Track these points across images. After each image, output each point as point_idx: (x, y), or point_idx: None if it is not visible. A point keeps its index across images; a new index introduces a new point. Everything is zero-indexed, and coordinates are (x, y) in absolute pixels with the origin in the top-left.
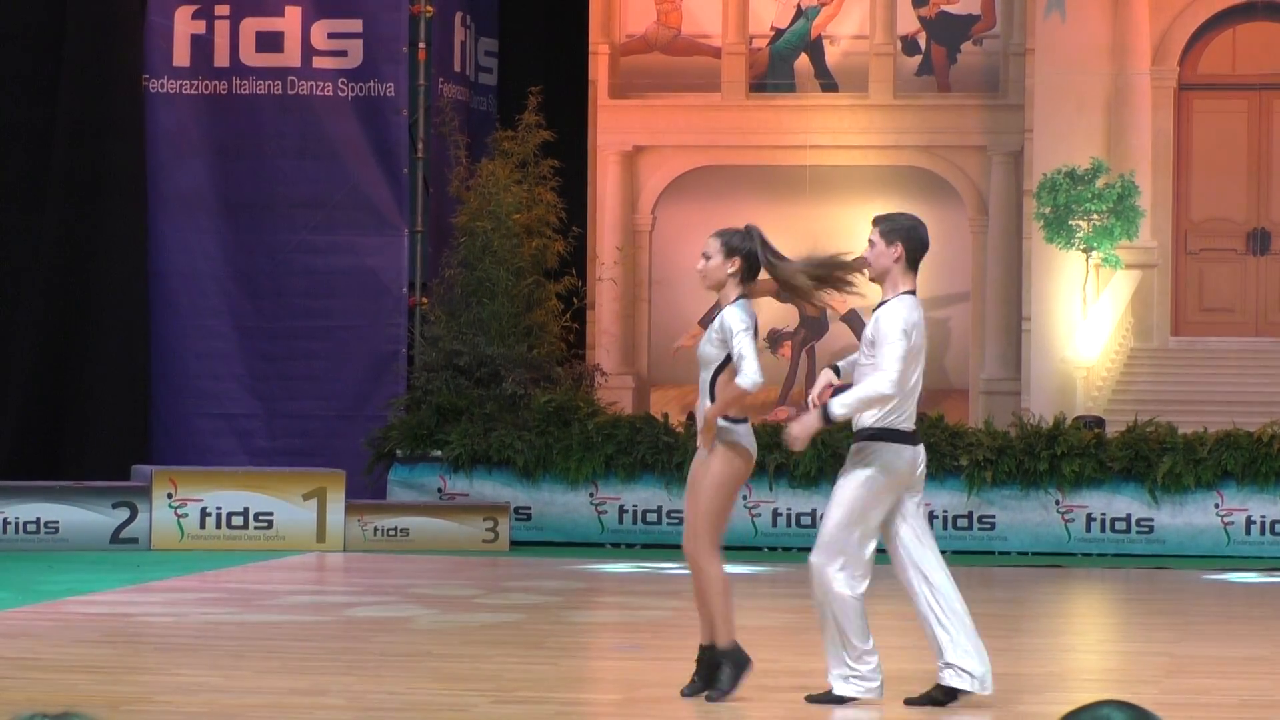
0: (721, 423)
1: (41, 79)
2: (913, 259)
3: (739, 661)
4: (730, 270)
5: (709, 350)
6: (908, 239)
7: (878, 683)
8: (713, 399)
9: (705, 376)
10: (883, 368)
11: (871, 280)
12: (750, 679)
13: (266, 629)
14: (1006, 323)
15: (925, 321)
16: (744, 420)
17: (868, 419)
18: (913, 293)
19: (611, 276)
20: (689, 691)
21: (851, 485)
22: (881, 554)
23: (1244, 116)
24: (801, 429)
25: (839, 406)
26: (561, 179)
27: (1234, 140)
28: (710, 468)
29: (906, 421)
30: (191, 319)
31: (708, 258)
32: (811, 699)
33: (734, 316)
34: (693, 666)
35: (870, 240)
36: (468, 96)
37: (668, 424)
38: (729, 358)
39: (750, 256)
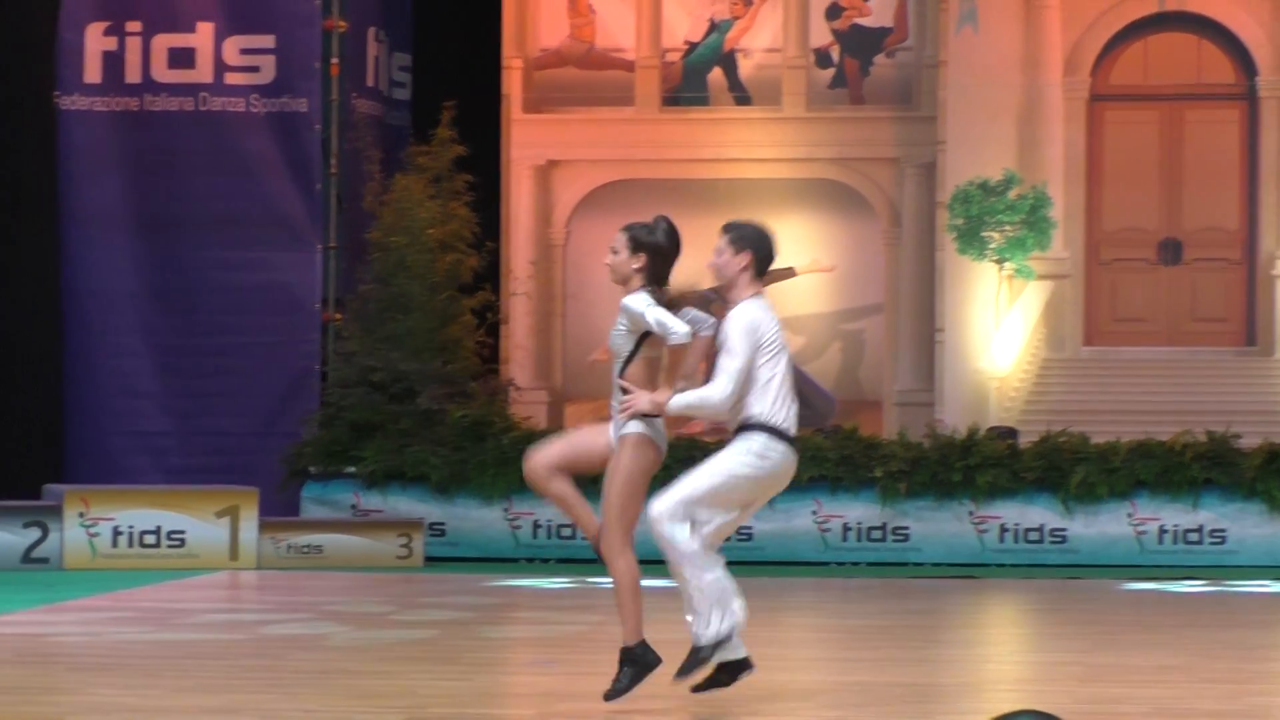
0: (633, 427)
1: None
2: (760, 268)
3: (644, 661)
4: (635, 266)
5: (618, 340)
6: (756, 247)
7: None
8: (623, 391)
9: (616, 367)
10: (717, 377)
11: (718, 287)
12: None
13: (180, 648)
14: (920, 334)
15: (781, 321)
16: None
17: (753, 412)
18: (760, 295)
19: (525, 291)
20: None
21: (728, 463)
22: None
23: (1155, 127)
24: (635, 402)
25: (675, 400)
26: (476, 193)
27: (1146, 151)
28: (620, 461)
29: (787, 423)
30: (104, 336)
31: (615, 252)
32: (691, 685)
33: (636, 299)
34: (604, 682)
35: (718, 248)
36: (382, 111)
37: None
38: (637, 347)
39: (656, 251)
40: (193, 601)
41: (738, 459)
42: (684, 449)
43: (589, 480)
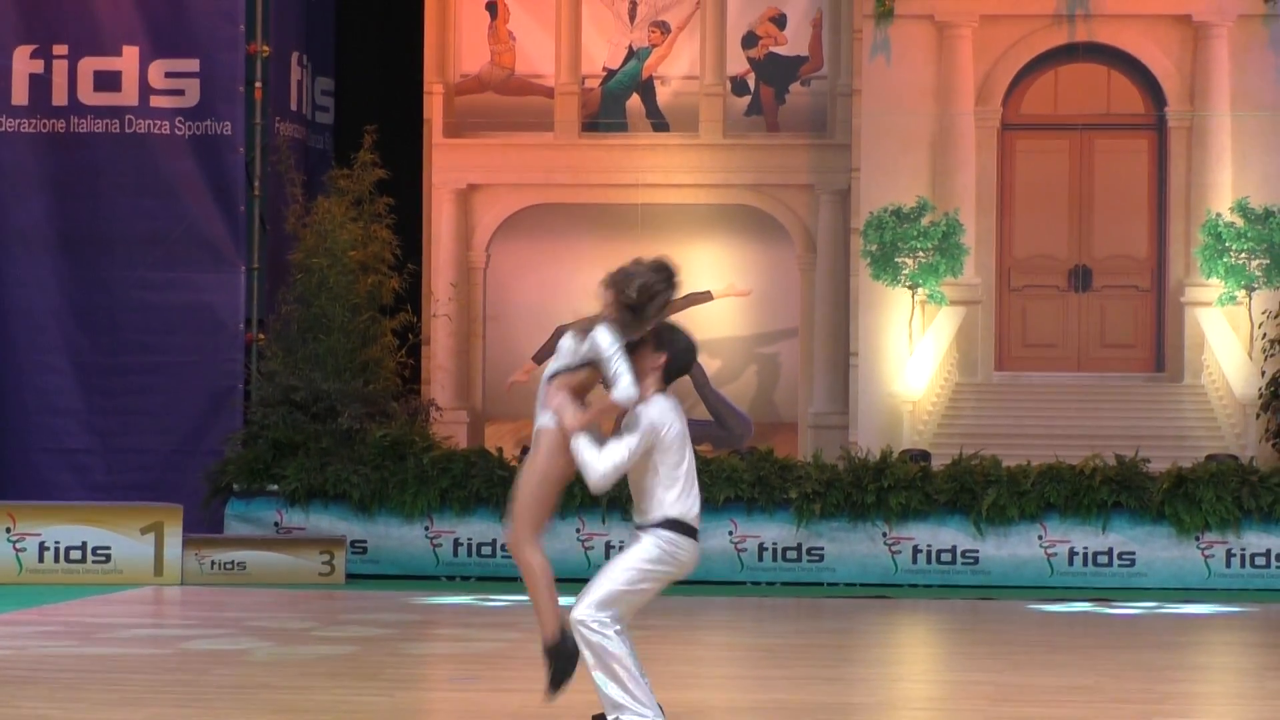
0: (549, 422)
1: None
2: (669, 378)
3: (568, 652)
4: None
5: (564, 355)
6: (676, 356)
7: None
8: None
9: (548, 372)
10: (610, 450)
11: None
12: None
13: (105, 662)
14: (834, 358)
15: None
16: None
17: (663, 509)
18: (664, 394)
19: (446, 313)
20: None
21: (639, 561)
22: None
23: (1065, 155)
24: (562, 406)
25: (576, 441)
26: (397, 216)
27: (1056, 179)
28: (535, 461)
29: (691, 515)
30: (29, 355)
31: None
32: None
33: (605, 338)
34: (523, 698)
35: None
36: (304, 135)
37: (502, 458)
38: (581, 367)
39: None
40: (117, 616)
41: (648, 556)
42: None
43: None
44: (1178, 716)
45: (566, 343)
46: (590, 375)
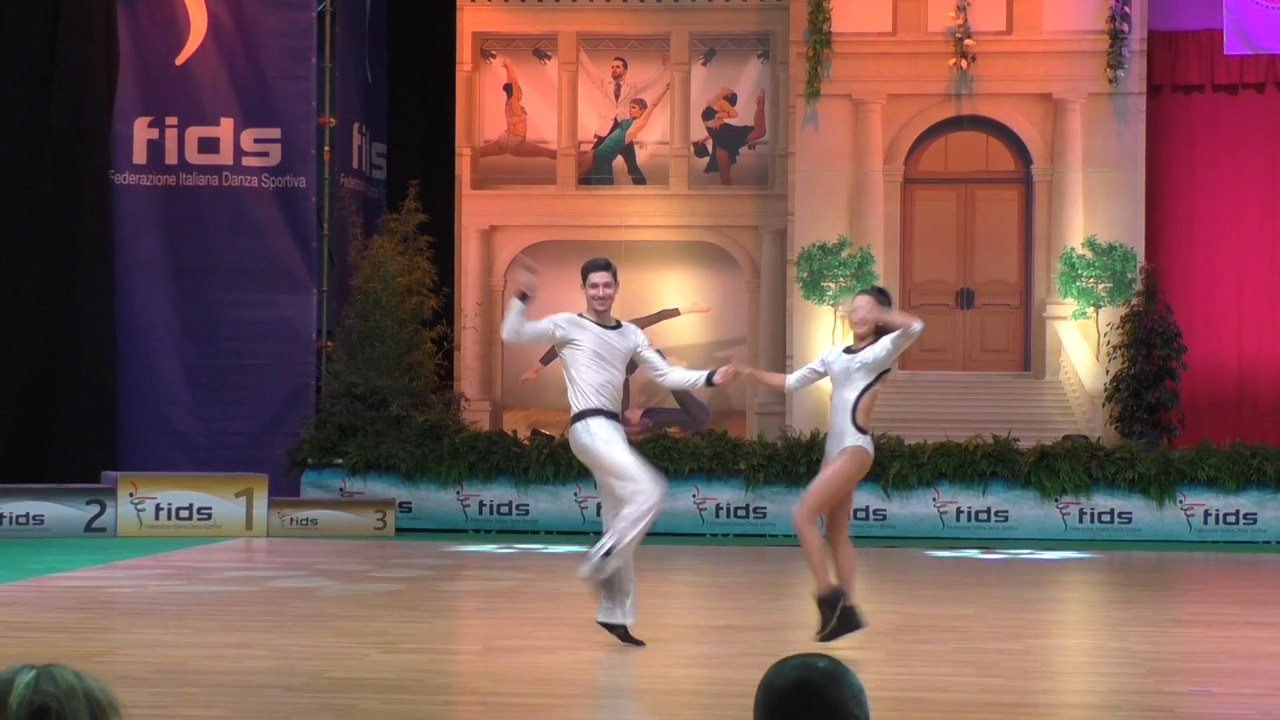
0: (862, 443)
1: (28, 173)
2: None
3: (830, 606)
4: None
5: (872, 365)
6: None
7: None
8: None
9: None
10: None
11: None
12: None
13: (206, 597)
14: (774, 361)
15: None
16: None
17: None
18: None
19: (473, 325)
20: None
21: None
22: None
23: (953, 203)
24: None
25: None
26: (435, 251)
27: (946, 221)
28: (838, 468)
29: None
30: (147, 359)
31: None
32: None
33: (884, 347)
34: (537, 627)
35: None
36: (363, 187)
37: (516, 438)
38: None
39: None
40: (216, 562)
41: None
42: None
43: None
44: (1042, 638)
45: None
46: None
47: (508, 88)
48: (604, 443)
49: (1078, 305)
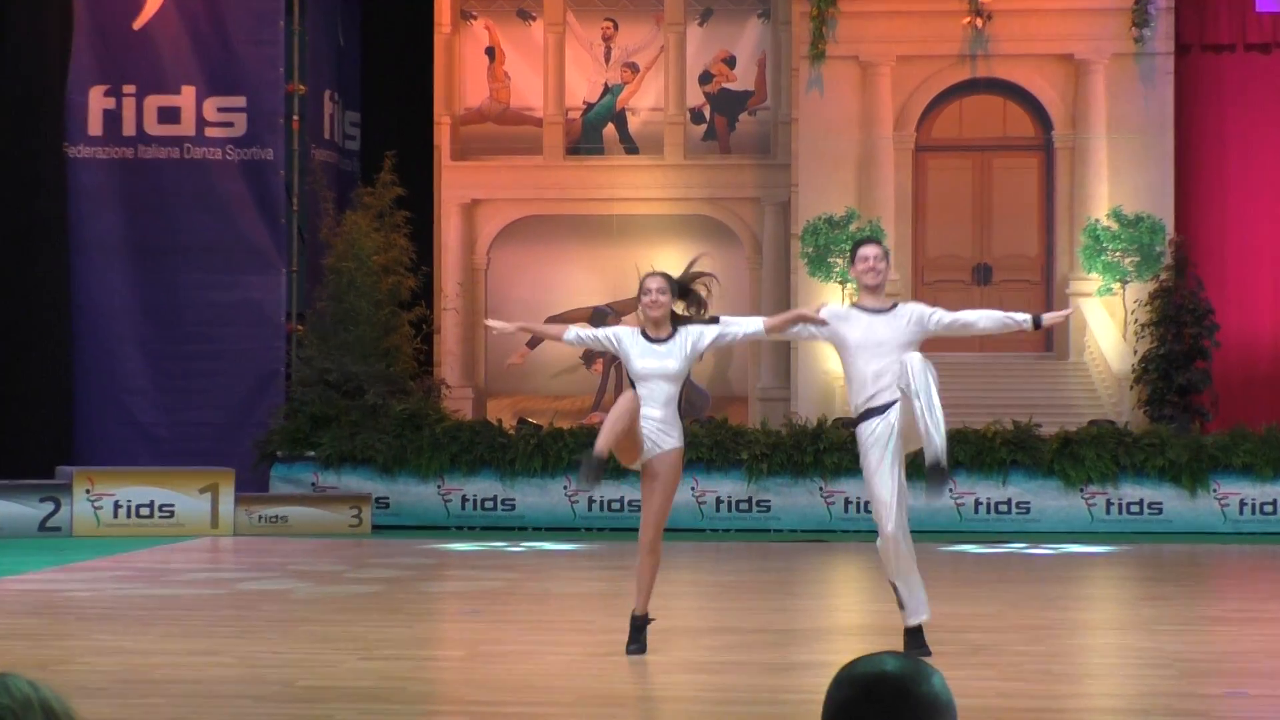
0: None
1: None
2: None
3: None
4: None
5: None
6: None
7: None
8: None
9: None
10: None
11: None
12: (574, 636)
13: (170, 601)
14: (778, 342)
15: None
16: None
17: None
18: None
19: (454, 307)
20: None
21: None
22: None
23: (969, 172)
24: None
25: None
26: (412, 227)
27: (961, 191)
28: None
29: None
30: (106, 344)
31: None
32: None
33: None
34: (524, 630)
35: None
36: (335, 159)
37: (501, 427)
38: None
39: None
40: (180, 563)
41: None
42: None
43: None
44: (1066, 638)
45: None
46: None
47: (490, 51)
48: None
49: (1103, 281)
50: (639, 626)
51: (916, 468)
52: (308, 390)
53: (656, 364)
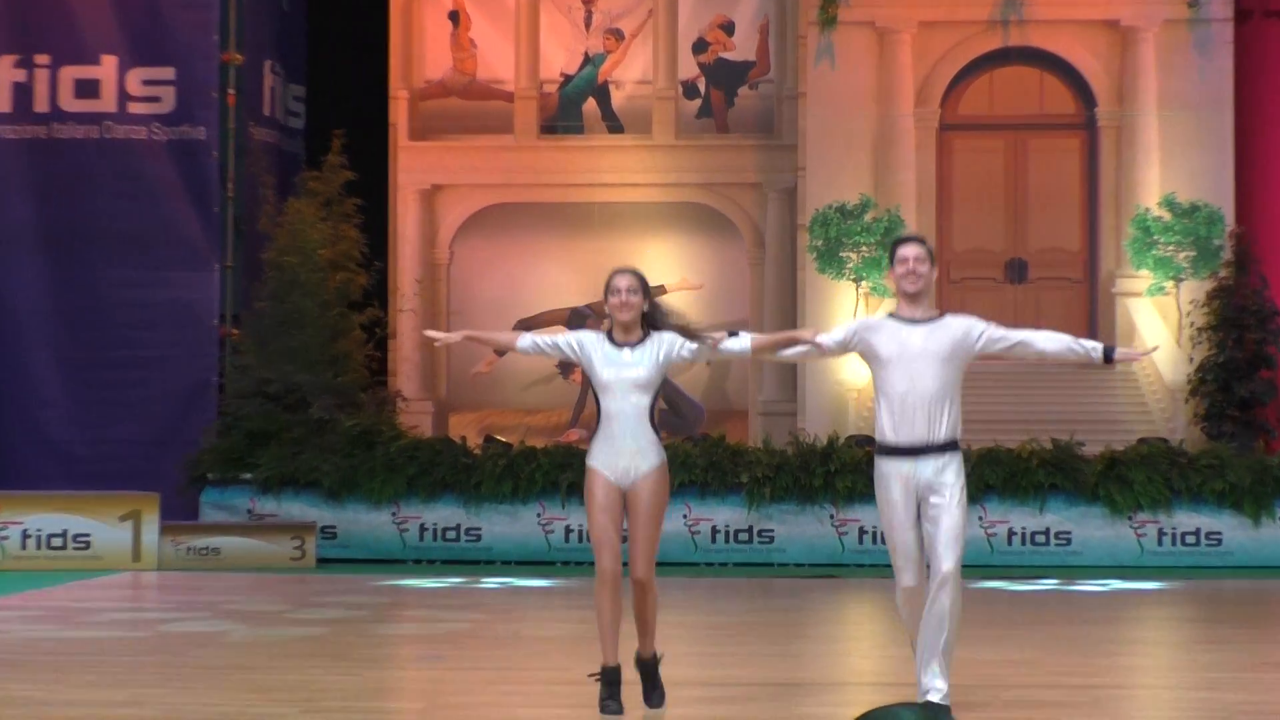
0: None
1: None
2: None
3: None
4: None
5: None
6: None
7: None
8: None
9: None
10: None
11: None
12: (543, 685)
13: (85, 645)
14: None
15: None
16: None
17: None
18: None
19: (412, 308)
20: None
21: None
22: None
23: (1001, 154)
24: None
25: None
26: (364, 216)
27: (992, 176)
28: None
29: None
30: (14, 350)
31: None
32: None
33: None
34: (492, 680)
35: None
36: (276, 139)
37: (465, 446)
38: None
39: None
40: (97, 601)
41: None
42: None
43: None
44: (1114, 688)
45: None
46: None
47: (454, 15)
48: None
49: (1154, 278)
50: (649, 672)
51: None
52: (244, 403)
53: (623, 373)
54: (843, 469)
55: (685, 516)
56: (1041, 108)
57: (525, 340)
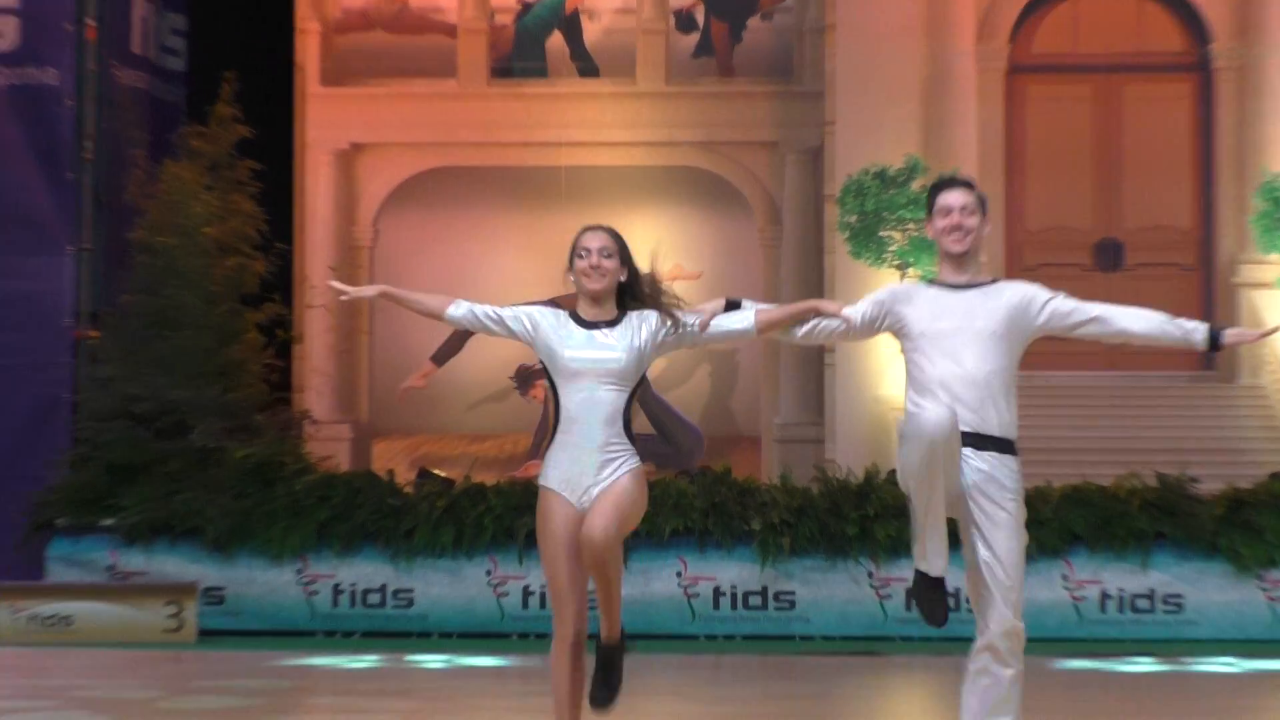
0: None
1: None
2: None
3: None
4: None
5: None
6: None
7: None
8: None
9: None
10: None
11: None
12: None
13: None
14: (806, 356)
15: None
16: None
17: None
18: None
19: (325, 303)
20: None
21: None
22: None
23: (1088, 105)
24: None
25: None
26: (263, 184)
27: (1077, 133)
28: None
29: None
30: None
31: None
32: None
33: None
34: None
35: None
36: (149, 84)
37: (393, 483)
38: None
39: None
40: None
41: None
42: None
43: None
44: None
45: None
46: None
47: None
48: None
49: None
50: (612, 660)
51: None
52: (104, 427)
53: (595, 355)
54: (884, 513)
55: (680, 575)
56: (1140, 45)
57: (459, 308)
